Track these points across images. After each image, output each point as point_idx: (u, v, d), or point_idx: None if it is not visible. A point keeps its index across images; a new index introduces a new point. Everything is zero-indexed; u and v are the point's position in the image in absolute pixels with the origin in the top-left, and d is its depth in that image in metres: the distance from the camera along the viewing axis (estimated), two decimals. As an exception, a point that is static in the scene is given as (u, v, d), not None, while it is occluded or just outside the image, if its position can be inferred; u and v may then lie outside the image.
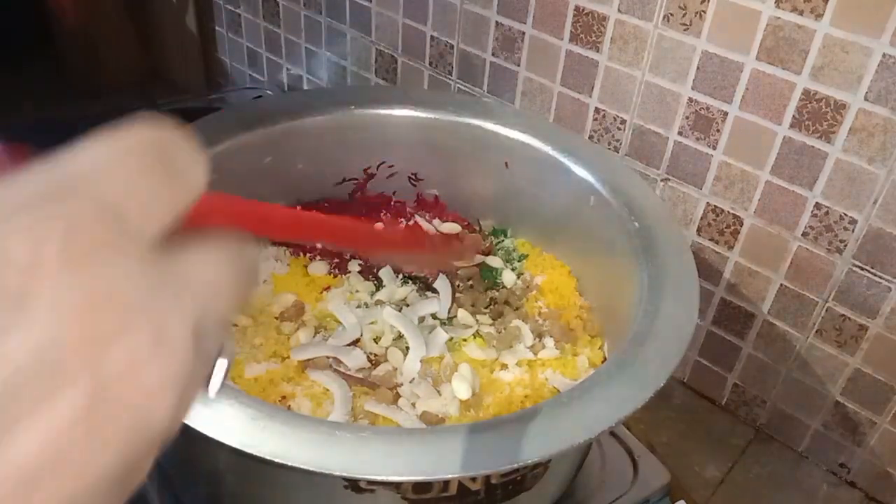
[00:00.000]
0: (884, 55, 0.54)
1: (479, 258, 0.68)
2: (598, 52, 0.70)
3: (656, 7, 0.64)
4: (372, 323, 0.60)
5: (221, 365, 0.19)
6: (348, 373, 0.56)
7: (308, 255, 0.67)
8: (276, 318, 0.60)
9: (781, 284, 0.67)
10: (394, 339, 0.59)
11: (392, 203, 0.74)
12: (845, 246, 0.61)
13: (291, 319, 0.60)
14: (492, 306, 0.64)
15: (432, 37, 0.85)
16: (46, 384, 0.14)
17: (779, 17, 0.58)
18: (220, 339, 0.18)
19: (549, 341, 0.60)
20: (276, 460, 0.38)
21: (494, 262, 0.68)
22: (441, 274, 0.66)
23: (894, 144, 0.56)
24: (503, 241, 0.72)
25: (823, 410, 0.68)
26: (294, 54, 1.07)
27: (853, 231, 0.60)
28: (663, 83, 0.67)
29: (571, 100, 0.75)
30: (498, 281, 0.67)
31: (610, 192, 0.61)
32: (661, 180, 0.71)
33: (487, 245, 0.71)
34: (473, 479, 0.45)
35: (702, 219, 0.69)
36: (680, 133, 0.68)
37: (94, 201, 0.15)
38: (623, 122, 0.71)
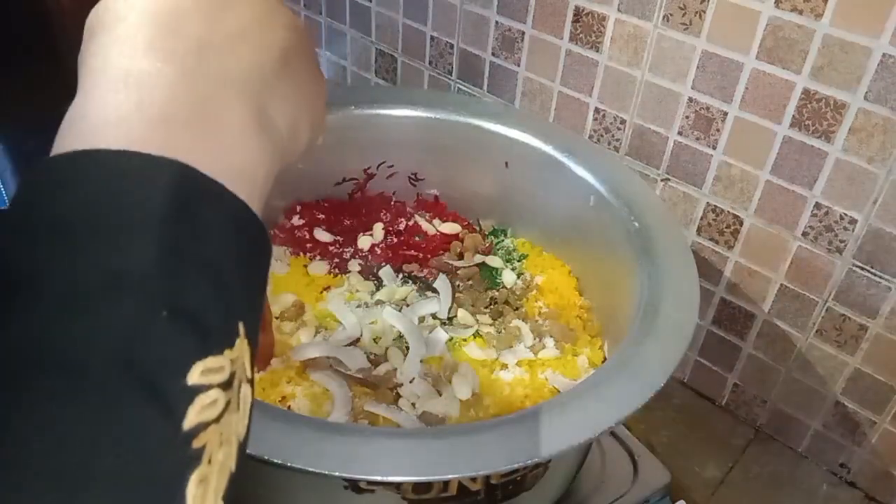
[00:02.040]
0: (883, 55, 0.54)
1: (479, 258, 0.69)
2: (598, 52, 0.70)
3: (656, 7, 0.64)
4: (372, 323, 0.60)
5: None
6: (348, 373, 0.56)
7: (308, 255, 0.68)
8: (277, 318, 0.60)
9: (781, 284, 0.67)
10: (394, 339, 0.59)
11: (392, 203, 0.74)
12: (845, 246, 0.61)
13: (291, 319, 0.60)
14: (492, 306, 0.64)
15: (432, 37, 0.85)
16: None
17: (779, 17, 0.58)
18: None
19: (549, 341, 0.60)
20: (276, 460, 0.38)
21: (494, 262, 0.68)
22: (441, 274, 0.66)
23: (894, 144, 0.56)
24: (503, 241, 0.72)
25: (823, 410, 0.68)
26: (294, 54, 1.07)
27: (853, 231, 0.60)
28: (663, 83, 0.67)
29: (571, 100, 0.75)
30: (498, 281, 0.67)
31: (610, 192, 0.61)
32: (661, 180, 0.71)
33: (487, 245, 0.71)
34: (473, 479, 0.45)
35: (702, 219, 0.69)
36: (680, 133, 0.68)
37: None
38: (623, 122, 0.71)
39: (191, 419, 0.21)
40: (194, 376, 0.21)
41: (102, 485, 0.19)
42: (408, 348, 0.58)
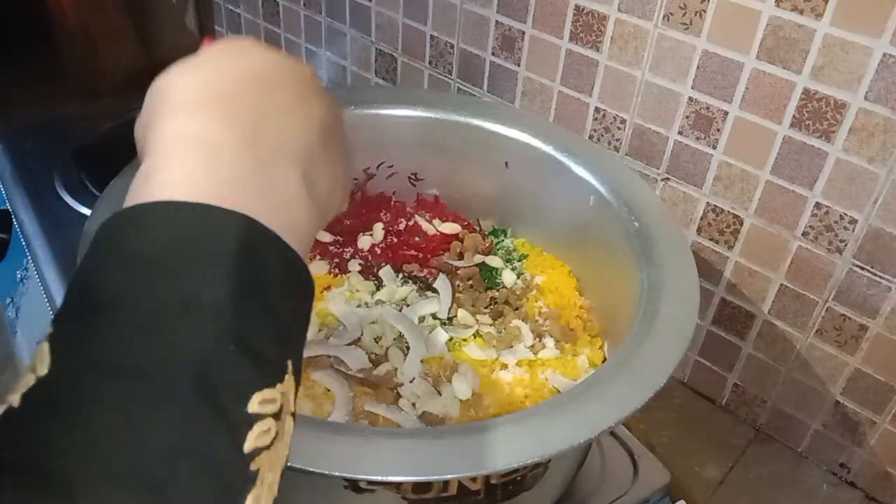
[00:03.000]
0: (884, 55, 0.54)
1: (479, 258, 0.69)
2: (598, 51, 0.70)
3: (656, 6, 0.64)
4: (372, 323, 0.60)
5: None
6: (349, 373, 0.56)
7: (308, 254, 0.67)
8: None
9: (781, 284, 0.67)
10: (394, 339, 0.59)
11: (392, 203, 0.74)
12: (845, 246, 0.61)
13: (291, 319, 0.60)
14: (492, 306, 0.64)
15: (432, 36, 0.85)
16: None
17: (779, 17, 0.58)
18: None
19: (549, 341, 0.60)
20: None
21: (494, 262, 0.68)
22: (441, 274, 0.66)
23: (894, 144, 0.56)
24: (503, 241, 0.72)
25: (823, 410, 0.68)
26: (294, 54, 1.07)
27: (853, 231, 0.60)
28: (663, 83, 0.67)
29: (571, 99, 0.75)
30: (498, 281, 0.67)
31: (610, 192, 0.61)
32: (661, 180, 0.71)
33: (487, 245, 0.71)
34: (473, 479, 0.45)
35: (702, 219, 0.69)
36: (680, 133, 0.68)
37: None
38: (623, 121, 0.71)
39: (250, 443, 0.23)
40: (254, 405, 0.23)
41: (181, 491, 0.21)
42: (408, 348, 0.58)
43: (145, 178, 0.26)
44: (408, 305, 0.63)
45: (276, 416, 0.24)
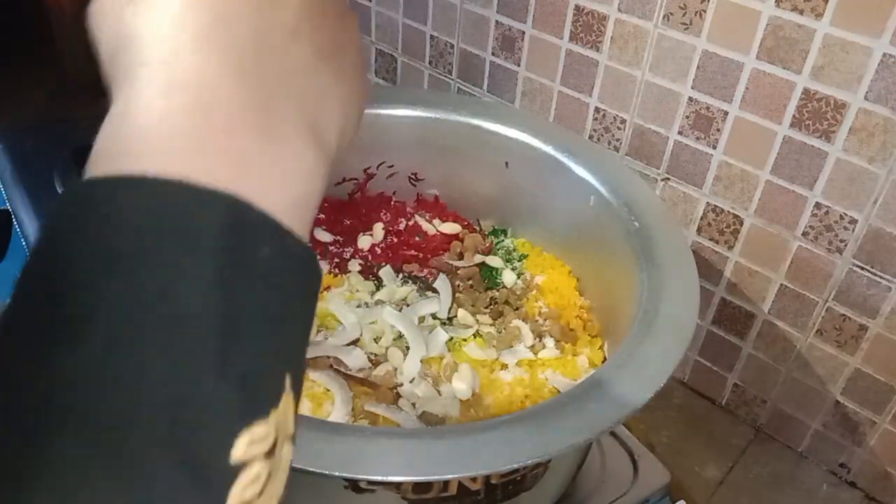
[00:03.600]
0: (884, 55, 0.54)
1: (479, 258, 0.69)
2: (598, 51, 0.70)
3: (656, 6, 0.64)
4: (372, 323, 0.60)
5: None
6: (349, 373, 0.56)
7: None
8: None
9: (781, 284, 0.67)
10: (394, 339, 0.59)
11: (392, 203, 0.74)
12: (845, 246, 0.61)
13: (291, 319, 0.60)
14: (492, 306, 0.64)
15: (432, 36, 0.85)
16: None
17: (779, 17, 0.58)
18: None
19: (549, 341, 0.60)
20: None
21: (494, 262, 0.68)
22: (441, 274, 0.66)
23: (894, 144, 0.56)
24: (503, 241, 0.72)
25: (823, 410, 0.68)
26: (294, 54, 1.07)
27: (853, 231, 0.60)
28: (663, 83, 0.67)
29: (571, 99, 0.75)
30: (498, 281, 0.67)
31: (610, 192, 0.61)
32: (661, 180, 0.71)
33: (487, 245, 0.71)
34: (473, 479, 0.45)
35: (702, 219, 0.69)
36: (680, 133, 0.68)
37: None
38: (623, 121, 0.71)
39: (233, 502, 0.19)
40: (238, 451, 0.19)
41: None
42: (408, 348, 0.58)
43: (112, 126, 0.21)
44: (408, 305, 0.63)
45: (269, 453, 0.20)
